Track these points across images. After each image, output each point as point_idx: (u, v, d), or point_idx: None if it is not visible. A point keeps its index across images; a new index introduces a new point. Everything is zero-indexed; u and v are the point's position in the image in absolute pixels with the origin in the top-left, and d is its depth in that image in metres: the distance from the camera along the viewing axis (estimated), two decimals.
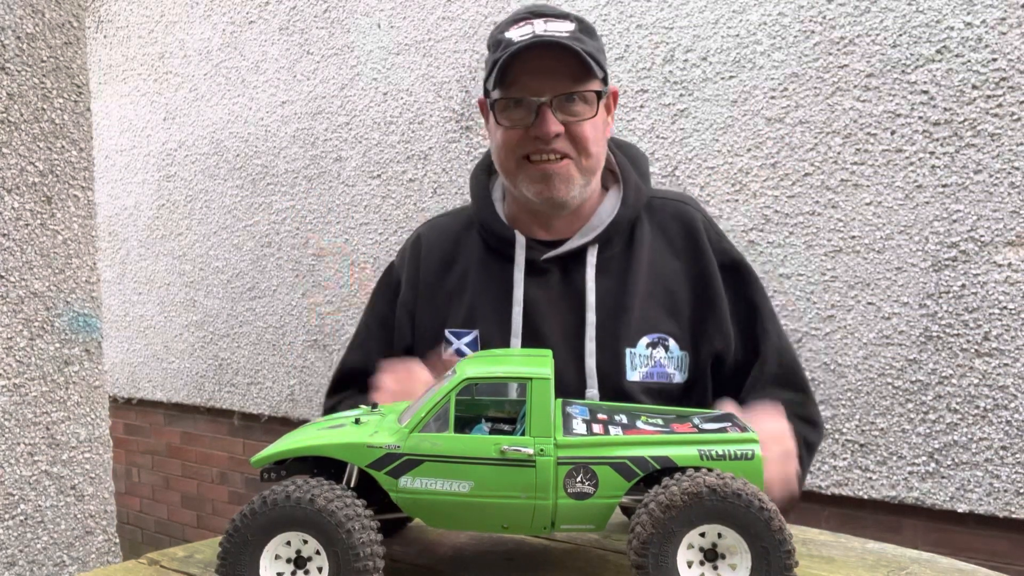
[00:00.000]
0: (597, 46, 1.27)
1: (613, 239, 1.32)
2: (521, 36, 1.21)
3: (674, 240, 1.34)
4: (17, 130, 1.79)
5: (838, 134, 2.10)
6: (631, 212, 1.32)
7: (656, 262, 1.32)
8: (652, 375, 1.28)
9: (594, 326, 1.27)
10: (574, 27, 1.24)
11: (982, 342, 1.94)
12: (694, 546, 0.75)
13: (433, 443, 0.80)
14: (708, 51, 2.28)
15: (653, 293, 1.30)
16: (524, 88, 1.22)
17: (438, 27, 2.85)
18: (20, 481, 1.79)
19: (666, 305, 1.30)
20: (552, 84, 1.21)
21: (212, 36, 3.54)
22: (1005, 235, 1.91)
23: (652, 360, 1.28)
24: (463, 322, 1.33)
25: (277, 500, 0.77)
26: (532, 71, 1.21)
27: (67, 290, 1.88)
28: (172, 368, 3.80)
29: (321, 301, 3.22)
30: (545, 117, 1.21)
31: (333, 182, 3.17)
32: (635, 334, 1.28)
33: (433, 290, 1.37)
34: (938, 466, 2.01)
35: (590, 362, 1.26)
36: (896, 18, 2.02)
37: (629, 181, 1.35)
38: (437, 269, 1.38)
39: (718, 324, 1.30)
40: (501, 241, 1.34)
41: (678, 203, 1.38)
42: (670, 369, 1.29)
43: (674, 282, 1.31)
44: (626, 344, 1.27)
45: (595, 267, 1.30)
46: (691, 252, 1.33)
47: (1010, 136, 1.89)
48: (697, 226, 1.34)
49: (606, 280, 1.30)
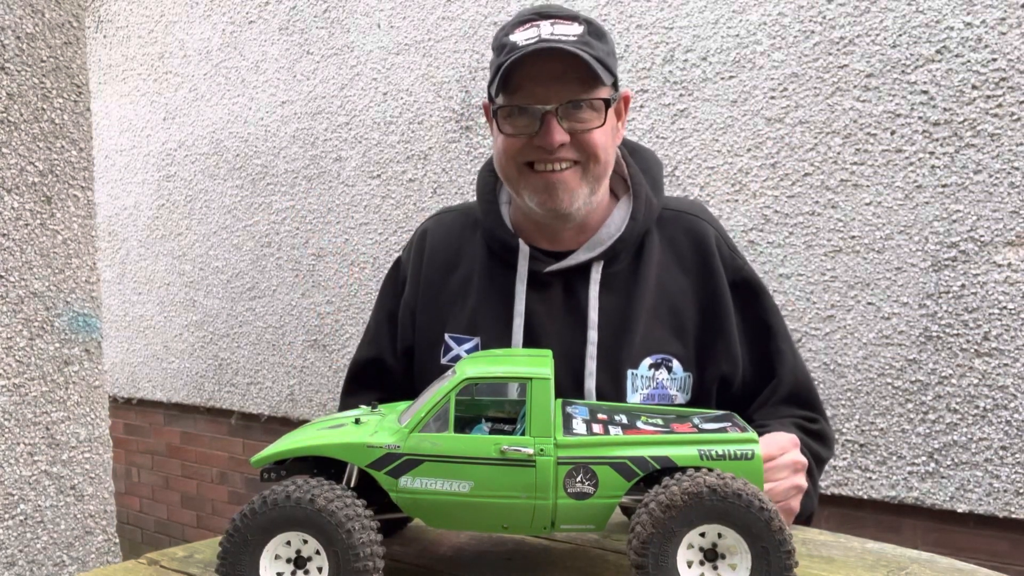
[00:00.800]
0: (607, 49, 1.21)
1: (620, 255, 1.27)
2: (527, 40, 1.16)
3: (684, 256, 1.28)
4: (17, 130, 1.79)
5: (838, 134, 2.10)
6: (640, 227, 1.27)
7: (664, 279, 1.27)
8: (654, 397, 1.24)
9: (595, 344, 1.23)
10: (583, 30, 1.18)
11: (982, 342, 1.94)
12: (694, 546, 0.75)
13: (433, 443, 0.80)
14: (708, 51, 2.29)
15: (659, 312, 1.25)
16: (529, 95, 1.17)
17: (438, 27, 2.85)
18: (20, 481, 1.79)
19: (672, 325, 1.25)
20: (558, 92, 1.16)
21: (212, 36, 3.54)
22: (1005, 235, 1.91)
23: (654, 382, 1.24)
24: (465, 328, 1.30)
25: (277, 500, 0.77)
26: (537, 78, 1.16)
27: (67, 290, 1.88)
28: (172, 368, 3.80)
29: (321, 301, 3.22)
30: (550, 126, 1.16)
31: (333, 182, 3.17)
32: (638, 355, 1.23)
33: (435, 291, 1.34)
34: (938, 466, 2.01)
35: (589, 383, 1.23)
36: (896, 18, 2.02)
37: (640, 195, 1.29)
38: (440, 270, 1.35)
39: (726, 346, 1.25)
40: (504, 249, 1.30)
41: (690, 216, 1.32)
42: (672, 391, 1.24)
43: (681, 301, 1.26)
44: (628, 366, 1.23)
45: (599, 283, 1.26)
46: (701, 269, 1.28)
47: (1010, 136, 1.89)
48: (709, 242, 1.29)
49: (610, 297, 1.25)
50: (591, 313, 1.24)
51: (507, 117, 1.20)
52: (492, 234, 1.31)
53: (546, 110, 1.16)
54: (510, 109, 1.19)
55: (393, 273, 1.43)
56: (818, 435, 1.26)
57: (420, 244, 1.39)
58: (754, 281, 1.30)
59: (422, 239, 1.39)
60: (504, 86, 1.18)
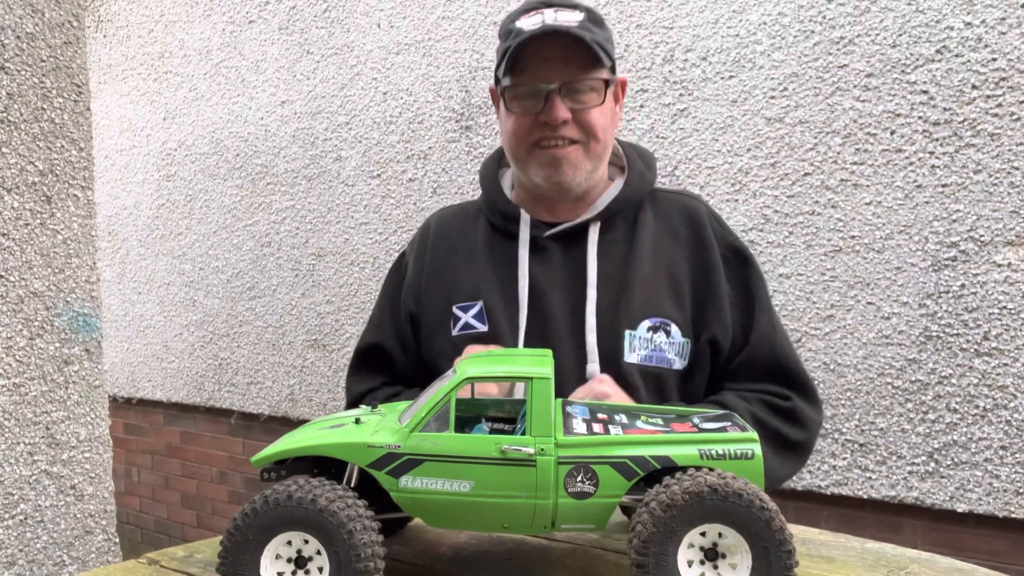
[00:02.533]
0: (606, 36, 1.30)
1: (616, 221, 1.34)
2: (532, 25, 1.24)
3: (677, 228, 1.35)
4: (17, 129, 1.79)
5: (838, 134, 2.10)
6: (634, 193, 1.34)
7: (658, 248, 1.33)
8: (651, 359, 1.28)
9: (595, 302, 1.28)
10: (583, 17, 1.26)
11: (982, 342, 1.94)
12: (694, 545, 0.75)
13: (433, 443, 0.80)
14: (708, 51, 2.29)
15: (656, 278, 1.30)
16: (534, 75, 1.25)
17: (438, 27, 2.85)
18: (20, 481, 1.79)
19: (670, 291, 1.30)
20: (561, 72, 1.24)
21: (212, 36, 3.54)
22: (1005, 235, 1.91)
23: (652, 344, 1.28)
24: (468, 295, 1.35)
25: (279, 499, 0.77)
26: (541, 59, 1.24)
27: (67, 290, 1.88)
28: (172, 368, 3.80)
29: (321, 301, 3.22)
30: (554, 103, 1.24)
31: (333, 182, 3.17)
32: (636, 317, 1.28)
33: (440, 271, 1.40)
34: (938, 466, 2.01)
35: (591, 338, 1.27)
36: (896, 18, 2.02)
37: (634, 168, 1.37)
38: (444, 251, 1.41)
39: (717, 311, 1.30)
40: (506, 219, 1.37)
41: (683, 196, 1.40)
42: (670, 355, 1.28)
43: (677, 268, 1.32)
44: (626, 326, 1.27)
45: (596, 245, 1.32)
46: (694, 239, 1.33)
47: (1010, 136, 1.89)
48: (701, 215, 1.35)
49: (608, 262, 1.31)
50: (590, 273, 1.30)
51: (514, 97, 1.29)
52: (494, 206, 1.39)
53: (550, 88, 1.25)
54: (516, 89, 1.28)
55: (397, 264, 1.49)
56: (787, 413, 1.28)
57: (424, 234, 1.46)
58: (743, 250, 1.35)
59: (426, 230, 1.47)
60: (511, 68, 1.27)
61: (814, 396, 1.33)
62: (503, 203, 1.38)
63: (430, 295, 1.39)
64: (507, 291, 1.33)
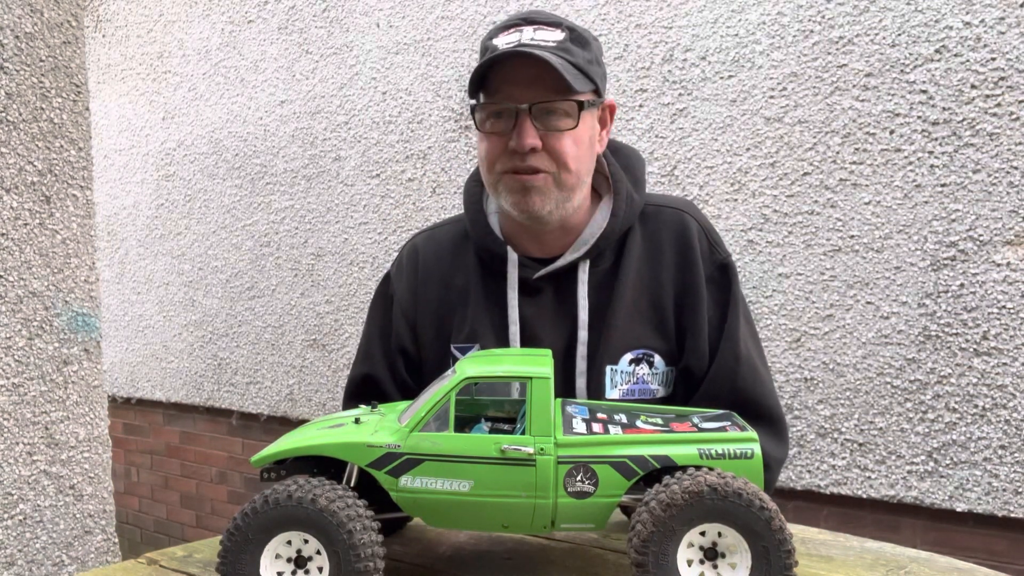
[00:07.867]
0: (589, 57, 1.24)
1: (604, 252, 1.30)
2: (507, 44, 1.20)
3: (664, 250, 1.30)
4: (16, 129, 1.79)
5: (837, 133, 2.10)
6: (621, 224, 1.29)
7: (643, 273, 1.29)
8: (633, 392, 1.26)
9: (586, 344, 1.26)
10: (564, 36, 1.21)
11: (981, 341, 1.94)
12: (694, 545, 0.75)
13: (433, 442, 0.80)
14: (707, 50, 2.29)
15: (639, 307, 1.27)
16: (505, 96, 1.21)
17: (437, 27, 2.85)
18: (19, 481, 1.79)
19: (653, 320, 1.27)
20: (532, 93, 1.19)
21: (211, 35, 3.53)
22: (1004, 234, 1.91)
23: (634, 376, 1.26)
24: (466, 338, 1.32)
25: (279, 499, 0.77)
26: (512, 80, 1.20)
27: (66, 289, 1.88)
28: (171, 368, 3.80)
29: (320, 301, 3.22)
30: (523, 126, 1.19)
31: (332, 181, 3.17)
32: (617, 351, 1.25)
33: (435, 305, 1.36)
34: (937, 465, 2.01)
35: (580, 382, 1.25)
36: (895, 18, 2.02)
37: (620, 192, 1.31)
38: (437, 284, 1.37)
39: (695, 339, 1.26)
40: (494, 258, 1.32)
41: (674, 210, 1.33)
42: (654, 385, 1.26)
43: (661, 295, 1.28)
44: (607, 362, 1.25)
45: (587, 284, 1.28)
46: (681, 262, 1.29)
47: (1009, 135, 1.89)
48: (689, 235, 1.30)
49: (596, 295, 1.28)
50: (581, 314, 1.27)
51: (485, 117, 1.25)
52: (481, 245, 1.34)
53: (519, 108, 1.19)
54: (487, 108, 1.24)
55: (383, 289, 1.44)
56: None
57: (412, 260, 1.40)
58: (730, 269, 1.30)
59: (413, 255, 1.41)
60: (481, 87, 1.23)
61: (779, 430, 1.27)
62: (491, 241, 1.32)
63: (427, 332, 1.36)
64: (500, 333, 1.30)
